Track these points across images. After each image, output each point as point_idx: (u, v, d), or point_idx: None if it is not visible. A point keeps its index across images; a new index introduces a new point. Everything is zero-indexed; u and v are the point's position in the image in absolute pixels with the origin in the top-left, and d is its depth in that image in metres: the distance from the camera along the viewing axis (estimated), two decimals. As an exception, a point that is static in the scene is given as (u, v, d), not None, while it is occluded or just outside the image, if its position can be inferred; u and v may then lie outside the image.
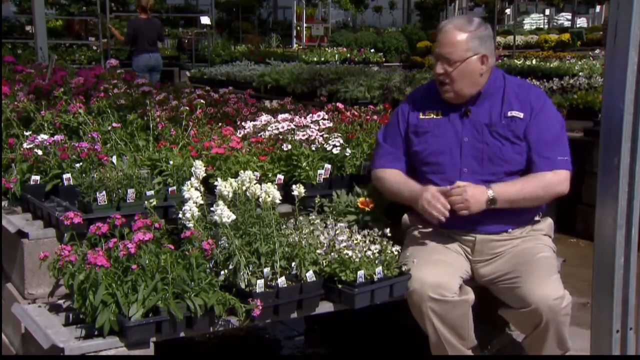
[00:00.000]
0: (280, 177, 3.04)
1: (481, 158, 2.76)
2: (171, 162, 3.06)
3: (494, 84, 2.83)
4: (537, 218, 2.92)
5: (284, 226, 2.67)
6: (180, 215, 2.51)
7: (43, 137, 3.12)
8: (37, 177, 2.96)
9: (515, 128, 2.75)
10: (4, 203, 3.03)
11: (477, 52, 2.74)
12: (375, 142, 3.05)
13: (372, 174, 2.98)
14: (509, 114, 2.77)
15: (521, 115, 2.77)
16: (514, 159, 2.76)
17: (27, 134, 3.36)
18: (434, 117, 2.87)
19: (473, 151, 2.77)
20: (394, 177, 2.88)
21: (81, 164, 2.99)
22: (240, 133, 3.43)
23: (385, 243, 2.66)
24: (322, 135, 3.21)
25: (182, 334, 2.34)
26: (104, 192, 2.70)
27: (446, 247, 2.81)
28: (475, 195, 2.64)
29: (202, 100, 4.15)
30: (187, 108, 3.73)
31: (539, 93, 2.89)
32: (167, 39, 17.74)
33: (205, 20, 17.47)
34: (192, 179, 2.65)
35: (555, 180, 2.73)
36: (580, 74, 8.34)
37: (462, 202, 2.63)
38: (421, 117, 2.89)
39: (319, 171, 3.09)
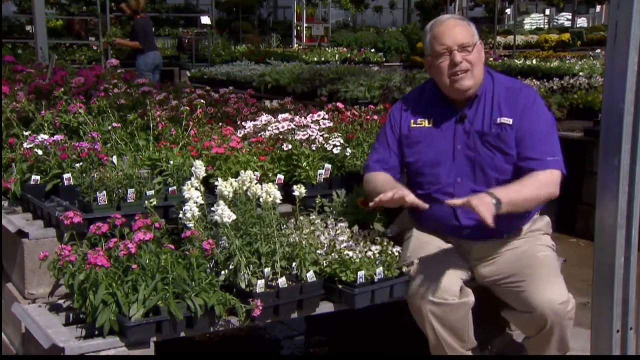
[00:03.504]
0: (280, 177, 3.04)
1: (473, 167, 2.71)
2: (171, 162, 3.06)
3: (485, 86, 2.77)
4: (535, 216, 2.87)
5: (285, 226, 2.67)
6: (180, 215, 2.51)
7: (43, 137, 3.13)
8: (37, 177, 2.96)
9: (505, 137, 2.67)
10: (4, 203, 3.03)
11: (479, 38, 2.76)
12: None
13: (364, 177, 2.91)
14: (499, 120, 2.69)
15: (510, 121, 2.68)
16: (505, 169, 2.69)
17: (27, 133, 3.37)
18: (426, 125, 2.80)
19: (465, 160, 2.72)
20: (380, 179, 2.79)
21: (81, 163, 2.99)
22: (240, 133, 3.43)
23: (385, 243, 2.66)
24: (322, 135, 3.21)
25: (182, 334, 2.34)
26: (104, 192, 2.70)
27: (446, 248, 2.79)
28: (481, 199, 2.44)
29: (202, 100, 4.15)
30: (187, 108, 3.73)
31: (528, 94, 2.77)
32: (167, 38, 17.74)
33: (205, 20, 17.43)
34: (193, 178, 2.65)
35: (549, 179, 2.62)
36: (581, 73, 8.35)
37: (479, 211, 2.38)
38: (412, 125, 2.82)
39: (319, 171, 3.09)
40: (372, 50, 15.94)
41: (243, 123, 3.62)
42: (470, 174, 2.71)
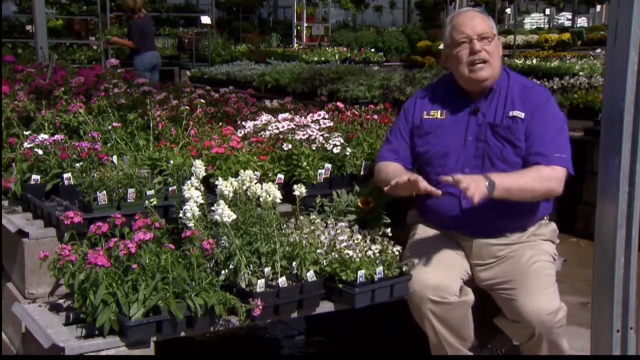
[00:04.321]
0: (281, 176, 3.04)
1: (482, 158, 2.74)
2: (171, 162, 3.06)
3: (501, 80, 2.82)
4: (543, 221, 2.87)
5: (285, 226, 2.67)
6: (180, 215, 2.51)
7: (43, 136, 3.12)
8: (38, 177, 2.96)
9: (516, 130, 2.72)
10: (5, 202, 3.03)
11: (497, 33, 2.80)
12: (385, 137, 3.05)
13: (375, 167, 2.97)
14: (511, 113, 2.74)
15: (522, 115, 2.73)
16: (514, 161, 2.72)
17: (27, 133, 3.36)
18: (438, 117, 2.84)
19: (475, 150, 2.75)
20: (391, 169, 2.85)
21: (81, 163, 2.99)
22: (240, 132, 3.43)
23: (385, 243, 2.66)
24: (322, 135, 3.21)
25: (182, 334, 2.34)
26: (104, 192, 2.70)
27: (447, 247, 2.80)
28: (474, 180, 2.48)
29: (202, 100, 4.15)
30: (188, 107, 3.73)
31: (542, 92, 2.84)
32: (167, 38, 17.73)
33: (205, 19, 17.43)
34: (193, 178, 2.66)
35: (552, 175, 2.64)
36: (581, 73, 8.33)
37: (468, 188, 2.44)
38: (425, 117, 2.87)
39: (319, 171, 3.09)
40: (372, 50, 15.92)
41: (243, 123, 3.62)
42: (478, 165, 2.73)
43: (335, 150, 3.18)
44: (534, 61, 10.79)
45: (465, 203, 2.71)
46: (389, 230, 2.74)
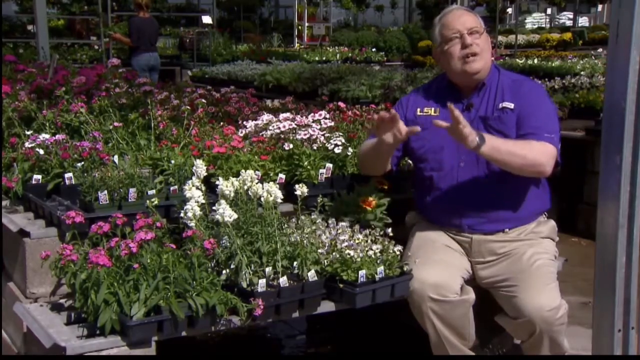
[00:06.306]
0: (282, 176, 3.04)
1: None
2: (172, 162, 3.06)
3: (492, 76, 2.86)
4: (541, 219, 2.90)
5: (286, 225, 2.67)
6: (181, 215, 2.51)
7: (44, 136, 3.12)
8: (39, 177, 2.96)
9: (507, 121, 2.75)
10: (6, 202, 3.03)
11: (485, 31, 2.84)
12: None
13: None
14: (501, 105, 2.78)
15: (512, 106, 2.76)
16: None
17: (28, 133, 3.36)
18: (432, 114, 2.86)
19: None
20: (368, 141, 2.89)
21: (83, 163, 2.99)
22: (241, 132, 3.43)
23: (386, 242, 2.66)
24: (323, 135, 3.21)
25: (183, 334, 2.34)
26: (105, 192, 2.70)
27: (448, 246, 2.81)
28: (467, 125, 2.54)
29: (203, 100, 4.15)
30: (189, 107, 3.73)
31: (533, 85, 2.89)
32: (169, 38, 17.75)
33: (206, 19, 17.42)
34: (194, 178, 2.66)
35: (542, 149, 2.63)
36: (582, 73, 8.32)
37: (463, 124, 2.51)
38: (419, 113, 2.90)
39: (321, 170, 3.09)
40: (374, 49, 15.93)
41: (244, 122, 3.62)
42: (473, 159, 2.74)
43: (336, 150, 3.18)
44: (535, 61, 10.78)
45: (463, 198, 2.73)
46: (389, 230, 2.74)
